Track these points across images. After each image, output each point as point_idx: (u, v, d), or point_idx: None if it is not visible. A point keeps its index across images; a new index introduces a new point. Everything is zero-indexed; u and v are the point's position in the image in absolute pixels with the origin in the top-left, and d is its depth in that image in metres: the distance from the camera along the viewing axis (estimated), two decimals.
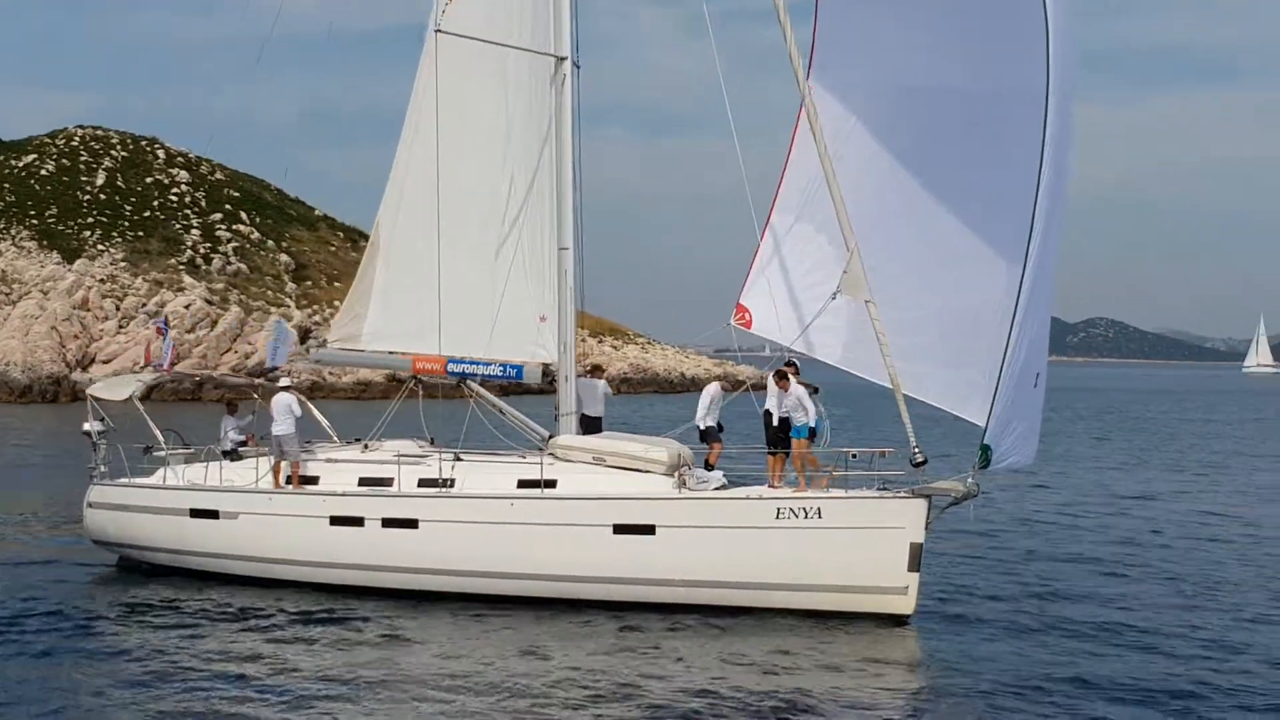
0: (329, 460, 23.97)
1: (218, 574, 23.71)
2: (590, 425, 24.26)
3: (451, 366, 24.88)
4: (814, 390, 22.80)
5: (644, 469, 22.18)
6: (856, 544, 20.70)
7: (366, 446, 24.70)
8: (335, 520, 22.69)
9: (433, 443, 25.40)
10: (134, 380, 25.94)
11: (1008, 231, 21.00)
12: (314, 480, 23.61)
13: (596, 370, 26.72)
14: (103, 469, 25.30)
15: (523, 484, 22.30)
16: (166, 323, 26.32)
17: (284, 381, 24.51)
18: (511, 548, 21.75)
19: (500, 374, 24.53)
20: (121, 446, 25.16)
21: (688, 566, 21.12)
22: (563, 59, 23.97)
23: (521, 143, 24.64)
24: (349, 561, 22.64)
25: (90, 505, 25.09)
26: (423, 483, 22.73)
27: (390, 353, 25.80)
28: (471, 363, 24.75)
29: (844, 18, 22.81)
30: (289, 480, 23.61)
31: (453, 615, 21.21)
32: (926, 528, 20.78)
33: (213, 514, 23.68)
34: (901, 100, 22.29)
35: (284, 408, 23.86)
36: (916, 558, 20.62)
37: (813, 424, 22.10)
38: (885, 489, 21.15)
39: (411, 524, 22.23)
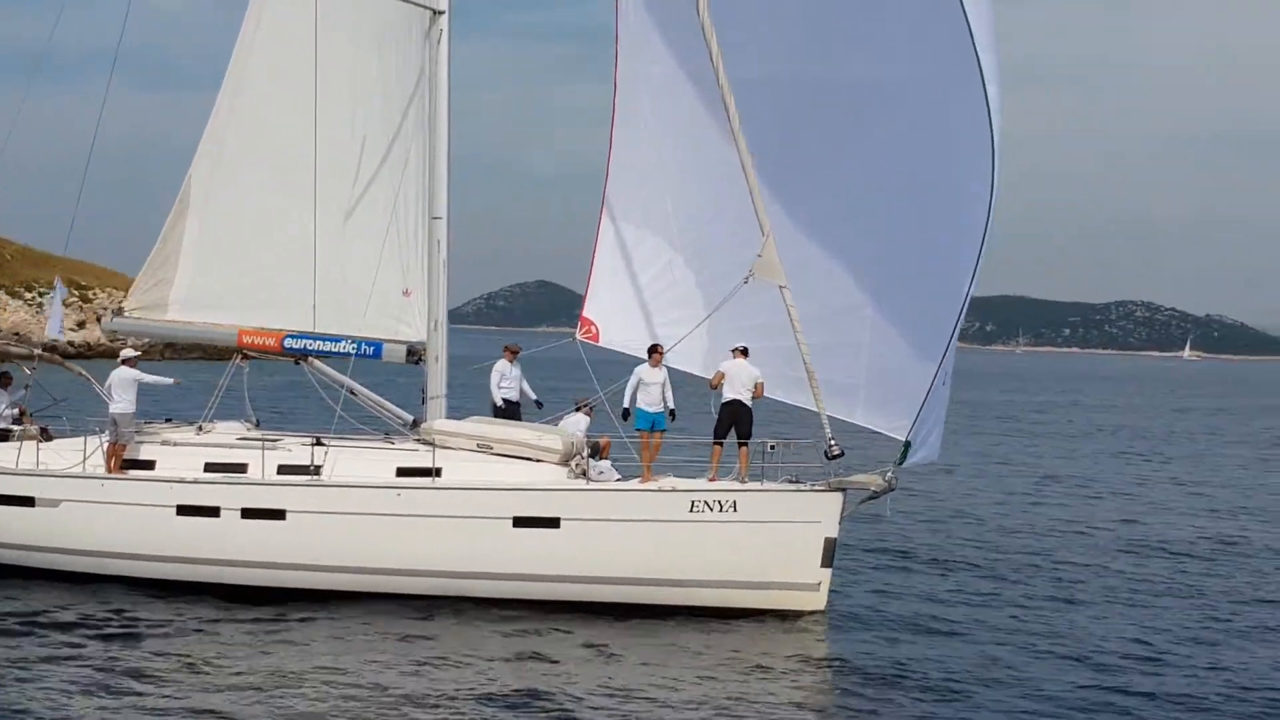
0: (165, 443, 21.27)
1: (23, 569, 20.68)
2: (506, 412, 22.44)
3: (290, 342, 22.57)
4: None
5: (536, 457, 20.63)
6: (771, 539, 19.83)
7: (200, 428, 22.09)
8: (184, 510, 20.12)
9: (258, 425, 23.03)
10: None
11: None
12: (149, 465, 20.88)
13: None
14: None
15: (403, 472, 20.36)
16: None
17: (128, 352, 21.59)
18: (395, 541, 19.83)
19: (354, 351, 22.36)
20: None
21: (594, 562, 19.74)
22: (439, 12, 22.01)
23: (380, 101, 22.56)
24: (199, 555, 20.14)
25: None
26: (284, 469, 20.43)
27: (206, 324, 23.25)
28: (316, 338, 22.49)
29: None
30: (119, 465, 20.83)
31: (326, 613, 19.18)
32: (840, 523, 20.13)
33: (26, 501, 20.62)
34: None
35: (125, 382, 21.04)
36: (830, 553, 19.94)
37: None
38: (795, 481, 20.36)
39: (277, 515, 19.94)
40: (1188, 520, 32.80)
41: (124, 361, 21.36)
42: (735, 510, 19.74)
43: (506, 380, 22.63)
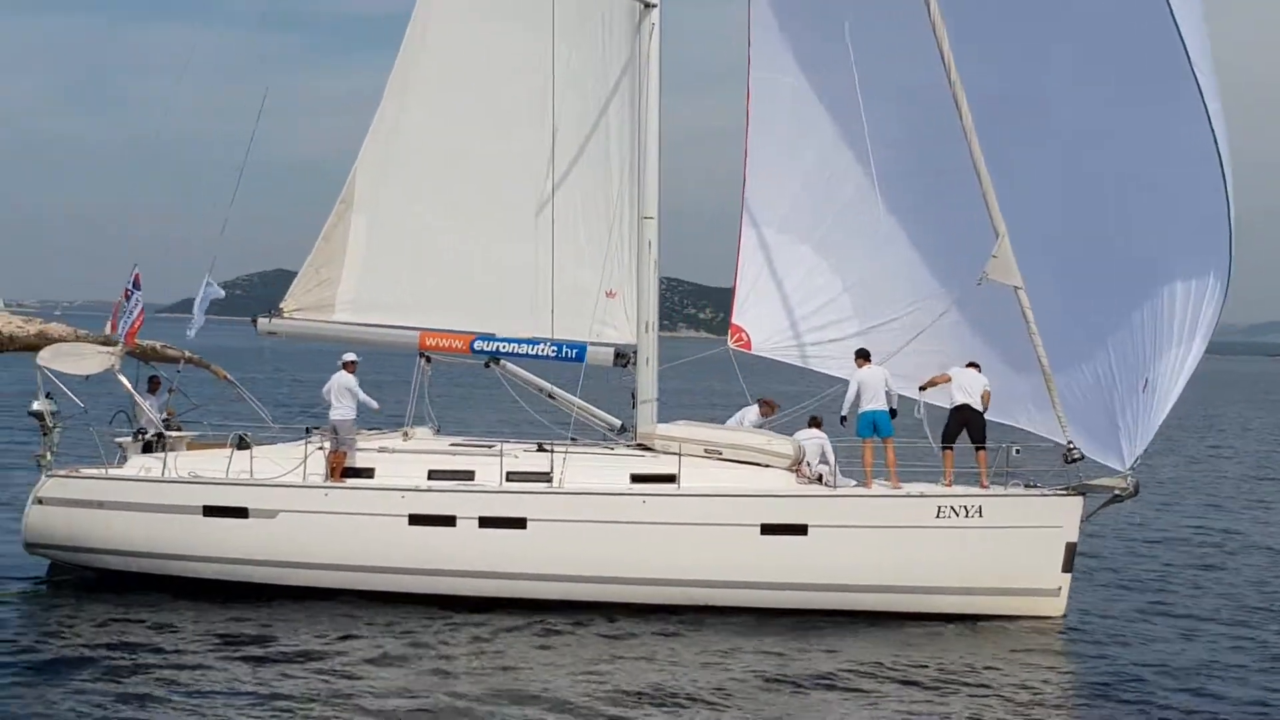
0: (382, 450, 20.42)
1: (226, 582, 19.72)
2: None
3: (480, 344, 21.81)
4: None
5: (766, 462, 20.17)
6: (1014, 544, 19.61)
7: (407, 435, 21.27)
8: (417, 519, 19.32)
9: (439, 430, 22.30)
10: (97, 352, 21.13)
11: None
12: (367, 473, 20.03)
13: None
14: (49, 458, 20.57)
15: (637, 478, 19.77)
16: (135, 283, 21.53)
17: (349, 356, 20.68)
18: (639, 550, 19.25)
19: (554, 355, 21.68)
20: (96, 431, 20.53)
21: (842, 568, 19.34)
22: (651, 5, 21.40)
23: (575, 96, 21.87)
24: (433, 566, 19.35)
25: (40, 501, 20.28)
26: (513, 476, 19.72)
27: (382, 326, 22.43)
28: (510, 340, 21.76)
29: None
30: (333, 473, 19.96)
31: (571, 624, 18.55)
32: (1081, 527, 19.97)
33: (239, 512, 19.66)
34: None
35: (344, 388, 20.18)
36: (1071, 558, 19.77)
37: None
38: (1032, 485, 20.15)
39: (518, 523, 19.23)
40: None
41: (344, 366, 20.49)
42: (980, 515, 19.48)
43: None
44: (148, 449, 21.09)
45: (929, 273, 22.39)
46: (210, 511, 19.73)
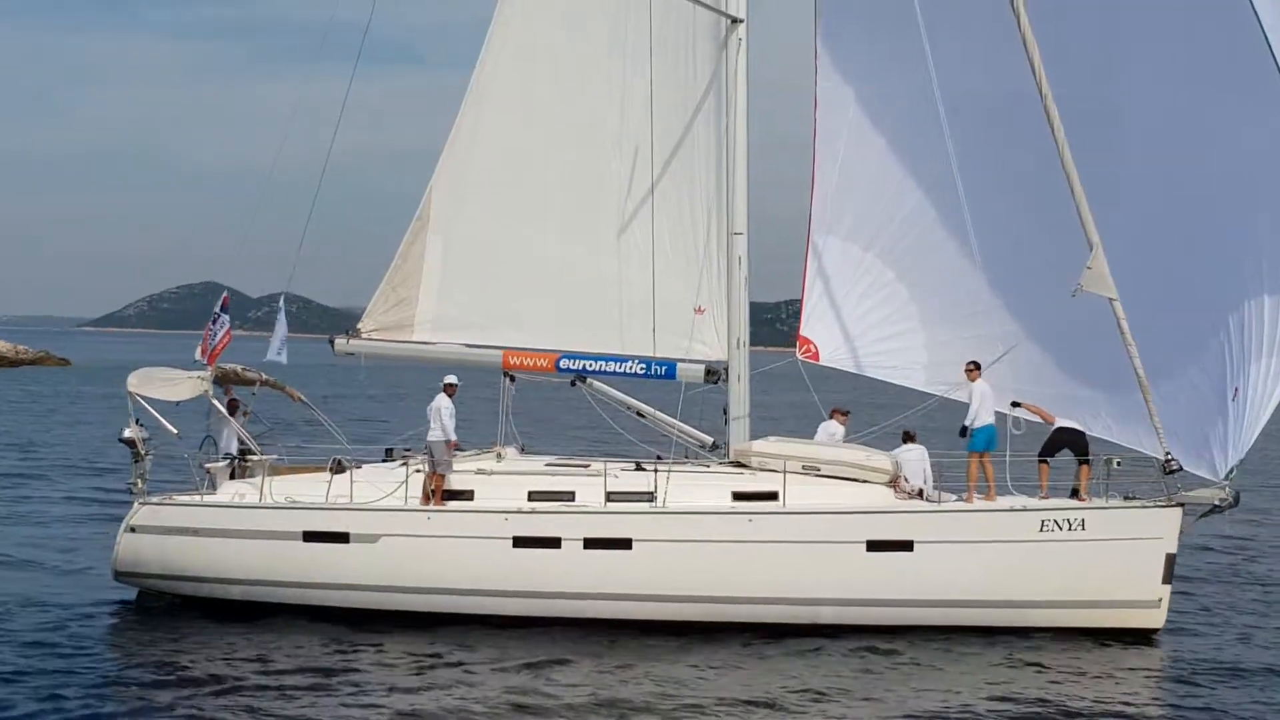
0: (480, 472, 20.29)
1: (327, 608, 19.57)
2: None
3: (565, 362, 21.71)
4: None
5: (864, 478, 20.12)
6: (1116, 556, 19.59)
7: (500, 455, 21.16)
8: (521, 541, 19.20)
9: (523, 449, 22.20)
10: (188, 377, 20.93)
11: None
12: (467, 495, 19.90)
13: None
14: (141, 485, 20.38)
15: (739, 496, 19.69)
16: (223, 306, 21.31)
17: (450, 379, 20.54)
18: (745, 569, 19.15)
19: (643, 372, 21.59)
20: (190, 456, 20.36)
21: (947, 584, 19.30)
22: (738, 20, 21.32)
23: (657, 112, 21.75)
24: (538, 589, 19.22)
25: (133, 529, 20.08)
26: (614, 496, 19.62)
27: (464, 345, 22.32)
28: (596, 358, 21.67)
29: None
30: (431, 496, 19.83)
31: (680, 643, 18.47)
32: (1179, 538, 19.98)
33: (340, 537, 19.50)
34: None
35: (439, 411, 20.04)
36: (1170, 569, 19.78)
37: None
38: (1129, 497, 20.15)
39: (623, 544, 19.12)
40: None
41: (445, 388, 20.35)
42: (1083, 529, 19.46)
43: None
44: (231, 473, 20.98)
45: (997, 283, 22.41)
46: (310, 537, 19.58)
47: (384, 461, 21.75)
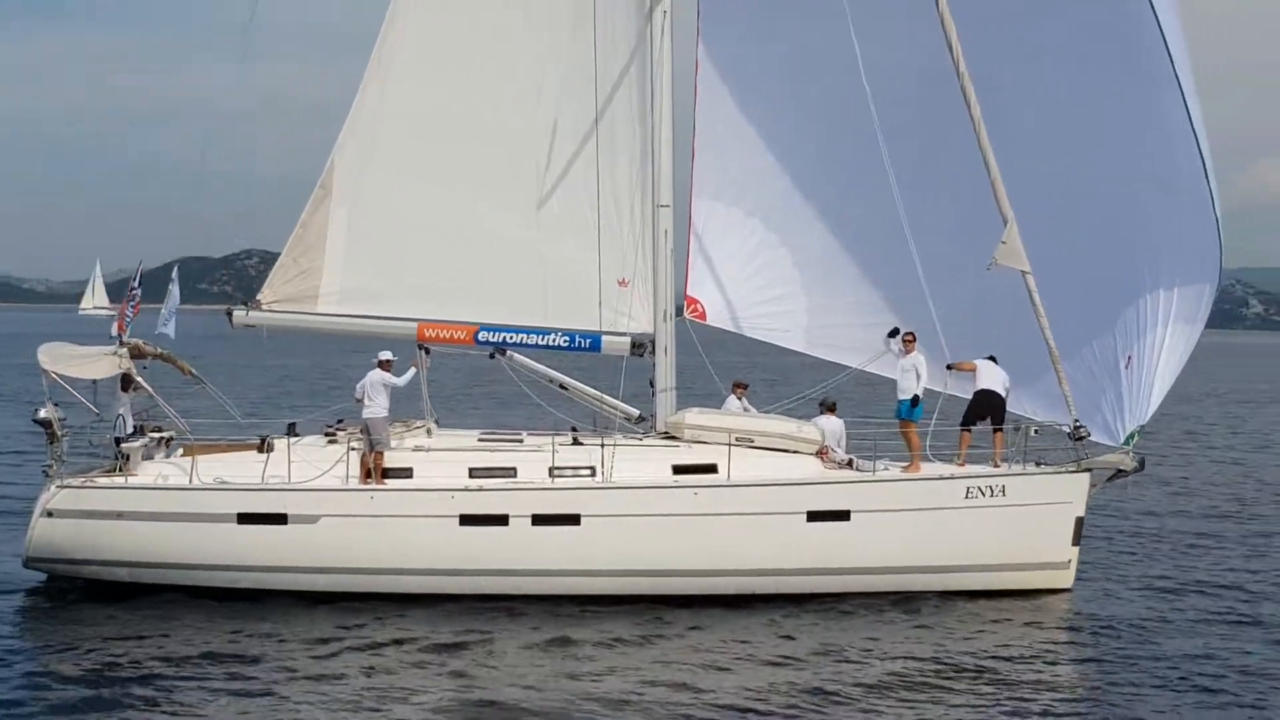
0: (417, 449, 19.91)
1: (259, 590, 19.03)
2: None
3: (485, 335, 21.46)
4: None
5: (794, 449, 20.50)
6: (1033, 520, 20.45)
7: (431, 431, 20.79)
8: (468, 519, 18.97)
9: (438, 424, 21.88)
10: (104, 354, 19.90)
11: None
12: (406, 473, 19.53)
13: None
14: (57, 467, 19.39)
15: (679, 470, 19.85)
16: (141, 280, 20.20)
17: (385, 354, 19.98)
18: (691, 541, 19.35)
19: (567, 344, 21.46)
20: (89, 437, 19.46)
21: (881, 552, 19.87)
22: None
23: (577, 81, 21.55)
24: (486, 566, 19.05)
25: (50, 514, 19.09)
26: (556, 472, 19.55)
27: (375, 317, 21.82)
28: (518, 330, 21.47)
29: None
30: (369, 475, 19.40)
31: (633, 619, 18.59)
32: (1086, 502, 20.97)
33: (278, 519, 18.93)
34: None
35: (379, 385, 19.57)
36: (1079, 532, 20.77)
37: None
38: (1042, 463, 21.04)
39: (572, 520, 19.09)
40: None
41: (379, 364, 19.85)
42: (1004, 494, 20.26)
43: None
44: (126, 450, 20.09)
45: (880, 251, 23.04)
46: (246, 519, 18.96)
47: (289, 437, 21.10)
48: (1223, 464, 40.02)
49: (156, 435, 20.78)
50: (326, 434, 20.59)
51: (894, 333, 21.57)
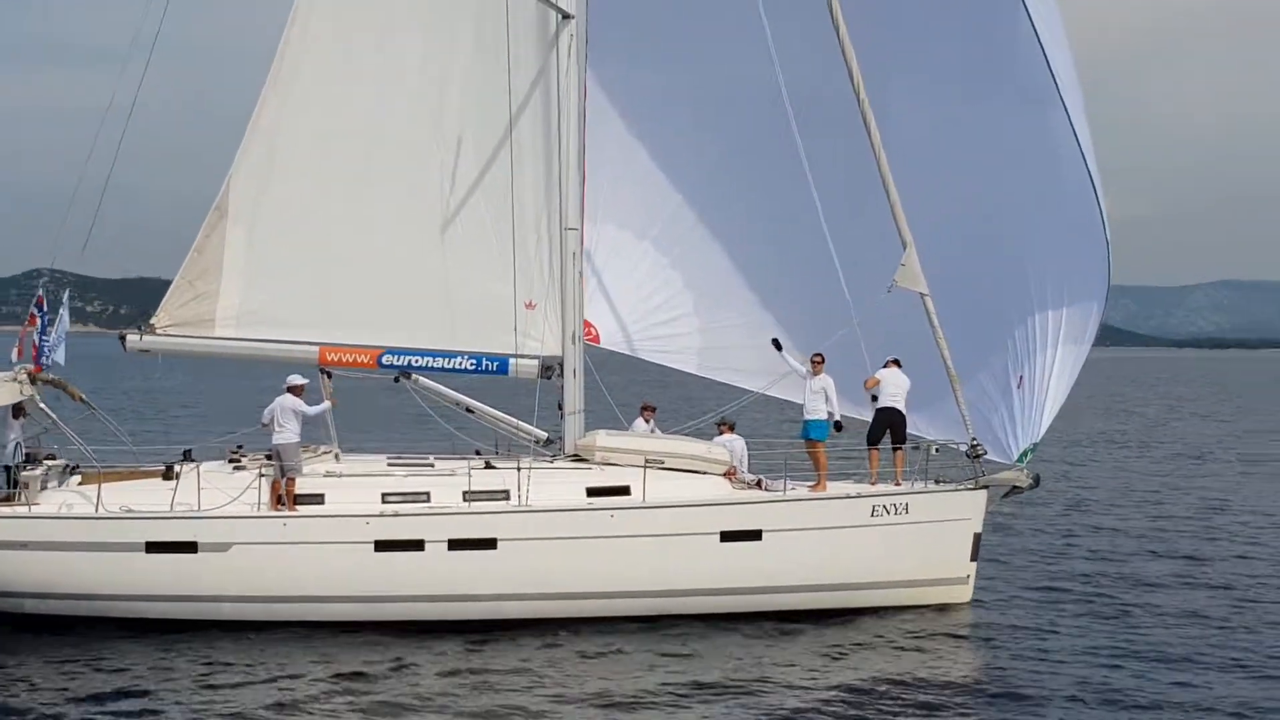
0: (328, 475, 19.64)
1: (165, 620, 18.61)
2: None
3: (389, 358, 21.29)
4: None
5: (703, 470, 20.72)
6: (933, 537, 20.93)
7: (338, 456, 20.54)
8: (383, 545, 18.78)
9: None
10: (10, 379, 19.27)
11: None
12: (317, 499, 19.27)
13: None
14: None
15: (593, 492, 19.92)
16: (40, 306, 19.56)
17: (297, 380, 19.65)
18: (608, 563, 19.43)
19: (473, 368, 21.38)
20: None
21: (791, 571, 20.14)
22: (568, 16, 21.28)
23: (478, 102, 21.50)
24: (403, 593, 18.88)
25: None
26: (471, 496, 19.47)
27: (274, 341, 21.51)
28: (424, 354, 21.34)
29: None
30: (279, 501, 19.11)
31: (537, 640, 18.65)
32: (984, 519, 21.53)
33: (188, 547, 18.53)
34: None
35: (289, 411, 19.28)
36: (977, 547, 21.32)
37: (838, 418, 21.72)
38: (941, 481, 21.54)
39: (488, 544, 19.02)
40: None
41: (290, 389, 19.54)
42: (908, 512, 20.72)
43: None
44: (11, 479, 19.53)
45: (767, 274, 23.52)
46: (154, 548, 18.54)
47: (183, 463, 20.65)
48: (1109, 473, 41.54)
49: (52, 463, 20.22)
50: (231, 460, 20.21)
51: (776, 343, 21.90)
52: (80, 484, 19.83)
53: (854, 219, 21.87)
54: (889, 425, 21.45)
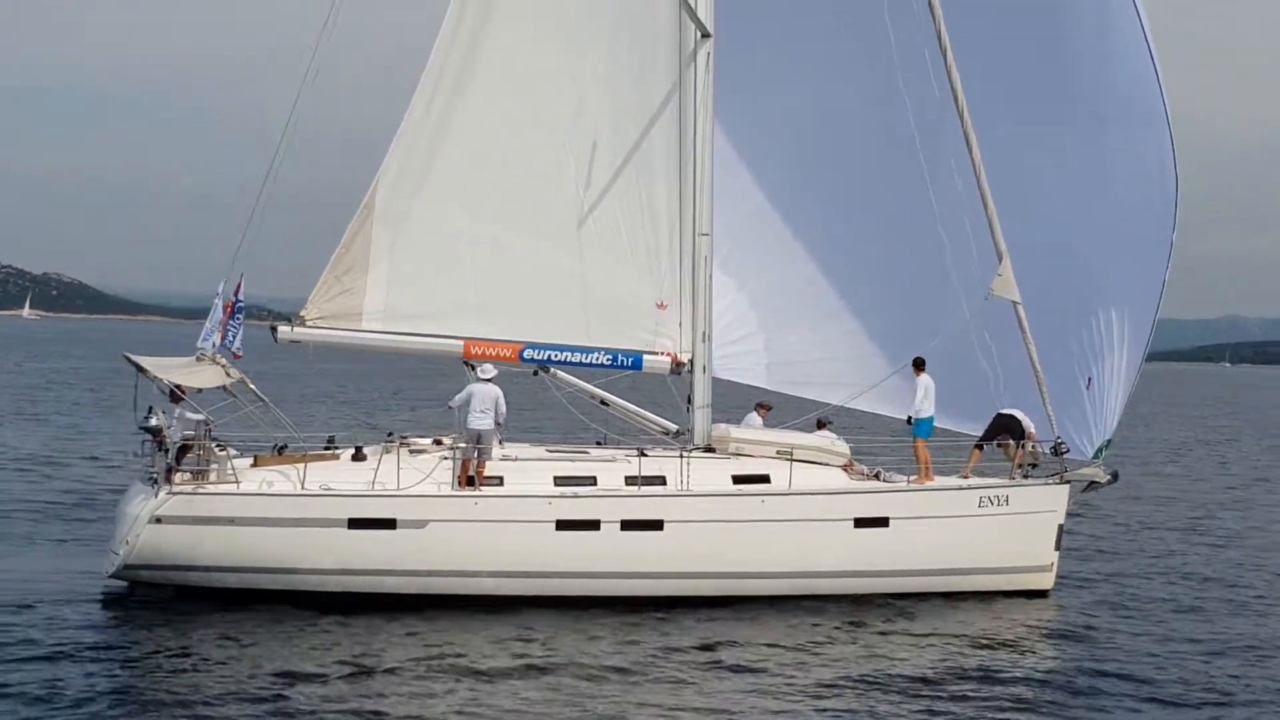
0: (505, 459, 20.94)
1: (364, 594, 19.79)
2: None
3: (530, 353, 22.63)
4: None
5: (827, 462, 22.48)
6: (1027, 527, 22.94)
7: (502, 443, 21.81)
8: (564, 525, 20.19)
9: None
10: (213, 366, 20.22)
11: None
12: (498, 481, 20.58)
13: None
14: (163, 474, 19.65)
15: (738, 479, 21.56)
16: (238, 294, 20.37)
17: (489, 371, 20.88)
18: (757, 546, 21.08)
19: (609, 363, 22.85)
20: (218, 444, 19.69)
21: (916, 556, 21.96)
22: (707, 34, 22.86)
23: (618, 109, 22.93)
24: (577, 569, 20.30)
25: (159, 520, 19.32)
26: (631, 481, 20.96)
27: (422, 335, 22.69)
28: (562, 349, 22.73)
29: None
30: (470, 481, 20.39)
31: (705, 616, 20.18)
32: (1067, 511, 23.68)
33: (387, 524, 19.71)
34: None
35: (490, 400, 20.59)
36: (1060, 538, 23.43)
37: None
38: (1029, 475, 23.59)
39: (656, 525, 20.55)
40: None
41: (488, 380, 20.84)
42: (1008, 503, 22.74)
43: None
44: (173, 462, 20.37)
45: (830, 288, 25.47)
46: (356, 524, 19.68)
47: (328, 449, 21.71)
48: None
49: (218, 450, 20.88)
50: (403, 444, 21.31)
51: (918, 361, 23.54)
52: (253, 466, 20.71)
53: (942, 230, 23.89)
54: (1005, 428, 23.43)
